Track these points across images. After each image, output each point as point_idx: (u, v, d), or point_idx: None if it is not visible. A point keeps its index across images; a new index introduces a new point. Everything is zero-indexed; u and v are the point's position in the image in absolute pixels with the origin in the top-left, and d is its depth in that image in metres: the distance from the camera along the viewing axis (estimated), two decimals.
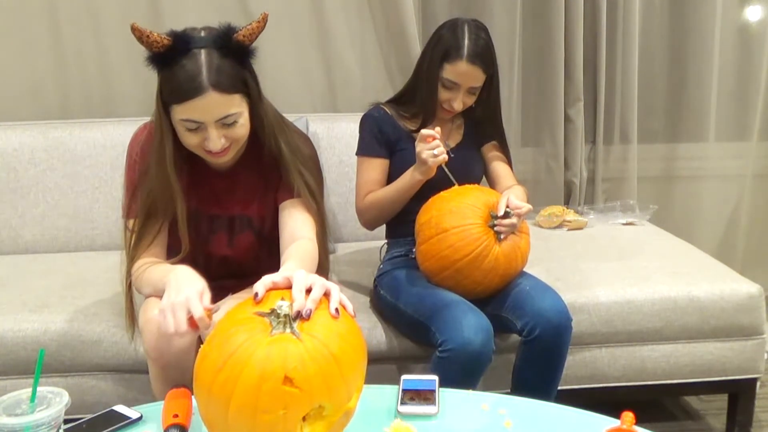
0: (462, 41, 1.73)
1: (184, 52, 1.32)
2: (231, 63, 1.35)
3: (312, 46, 2.47)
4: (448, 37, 1.75)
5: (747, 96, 2.72)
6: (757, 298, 1.86)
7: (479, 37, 1.75)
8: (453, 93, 1.78)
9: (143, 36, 1.29)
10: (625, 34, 2.57)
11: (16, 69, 2.39)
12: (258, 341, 0.95)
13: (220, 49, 1.34)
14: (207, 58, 1.33)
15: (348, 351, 0.99)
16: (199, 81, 1.31)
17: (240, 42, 1.36)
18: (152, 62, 1.35)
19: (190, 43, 1.33)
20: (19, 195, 2.25)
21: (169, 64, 1.33)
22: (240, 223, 1.58)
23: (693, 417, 2.16)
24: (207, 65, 1.32)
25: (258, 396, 0.91)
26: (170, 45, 1.32)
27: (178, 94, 1.33)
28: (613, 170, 2.71)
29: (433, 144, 1.62)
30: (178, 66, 1.32)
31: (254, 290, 1.04)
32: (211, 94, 1.32)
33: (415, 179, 1.70)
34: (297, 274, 1.04)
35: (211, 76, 1.32)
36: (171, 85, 1.34)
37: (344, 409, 0.99)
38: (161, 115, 1.38)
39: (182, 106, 1.33)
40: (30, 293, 1.86)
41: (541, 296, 1.62)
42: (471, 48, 1.72)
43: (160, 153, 1.42)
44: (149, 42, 1.30)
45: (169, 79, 1.34)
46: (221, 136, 1.38)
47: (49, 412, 0.97)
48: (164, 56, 1.33)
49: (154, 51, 1.32)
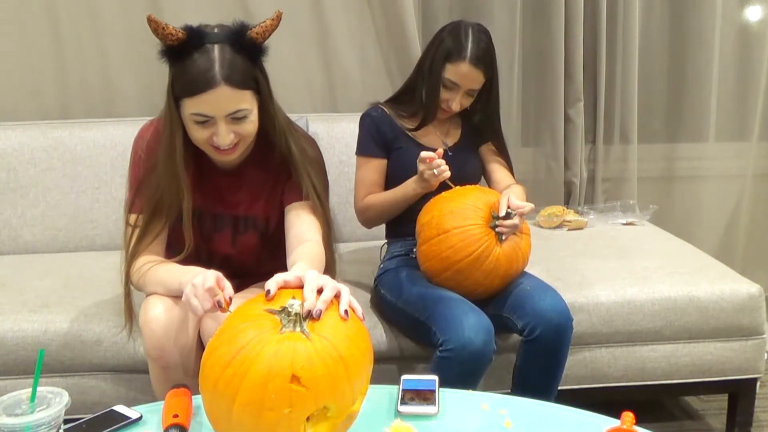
0: (465, 43, 1.74)
1: (198, 47, 1.33)
2: (243, 59, 1.36)
3: (312, 46, 2.47)
4: (452, 38, 1.76)
5: (747, 96, 2.72)
6: (757, 298, 1.86)
7: (482, 40, 1.76)
8: (452, 93, 1.79)
9: (159, 28, 1.30)
10: (625, 34, 2.57)
11: (16, 69, 2.38)
12: (267, 338, 0.95)
13: (233, 45, 1.35)
14: (220, 53, 1.34)
15: (355, 354, 0.99)
16: (212, 74, 1.32)
17: (253, 39, 1.37)
18: (165, 55, 1.35)
19: (203, 38, 1.34)
20: (19, 195, 2.25)
21: (181, 57, 1.34)
22: (244, 222, 1.58)
23: (693, 417, 2.16)
24: (220, 60, 1.33)
25: (264, 393, 0.91)
26: (184, 39, 1.32)
27: (190, 87, 1.33)
28: (613, 170, 2.71)
29: (434, 164, 1.65)
30: (190, 60, 1.33)
31: (266, 287, 1.04)
32: (222, 87, 1.33)
33: (415, 192, 1.75)
34: (309, 274, 1.05)
35: (224, 70, 1.33)
36: (183, 79, 1.34)
37: (348, 411, 0.99)
38: (172, 109, 1.39)
39: (193, 100, 1.34)
40: (30, 293, 1.85)
41: (541, 296, 1.62)
42: (473, 50, 1.74)
43: (169, 147, 1.42)
44: (164, 34, 1.31)
45: (182, 73, 1.34)
46: (230, 131, 1.38)
47: (49, 412, 0.97)
48: (177, 50, 1.33)
49: (168, 44, 1.33)
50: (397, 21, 2.44)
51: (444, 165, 1.66)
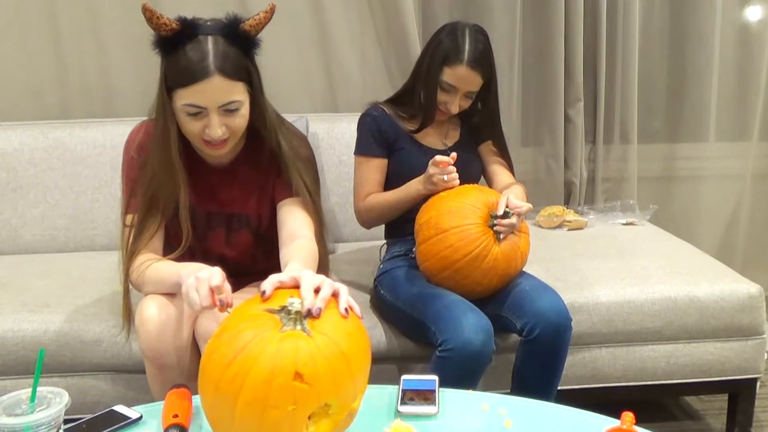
0: (463, 46, 1.74)
1: (191, 38, 1.34)
2: (236, 51, 1.37)
3: (312, 46, 2.47)
4: (449, 40, 1.76)
5: (747, 96, 2.72)
6: (757, 298, 1.86)
7: (479, 41, 1.76)
8: (450, 96, 1.79)
9: (153, 17, 1.31)
10: (625, 34, 2.57)
11: (16, 69, 2.38)
12: (269, 337, 0.95)
13: (227, 36, 1.36)
14: (213, 45, 1.34)
15: (356, 350, 0.99)
16: (206, 64, 1.32)
17: (246, 32, 1.37)
18: (158, 46, 1.36)
19: (197, 29, 1.35)
20: (19, 195, 2.25)
21: (175, 48, 1.34)
22: (237, 220, 1.58)
23: (693, 417, 2.16)
24: (213, 51, 1.34)
25: (268, 391, 0.91)
26: (178, 29, 1.33)
27: (184, 77, 1.34)
28: (613, 170, 2.71)
29: (447, 169, 1.65)
30: (183, 51, 1.33)
31: (261, 288, 1.04)
32: (216, 78, 1.33)
33: (418, 193, 1.74)
34: (305, 273, 1.05)
35: (217, 60, 1.33)
36: (176, 69, 1.35)
37: (349, 408, 1.00)
38: (165, 101, 1.39)
39: (186, 90, 1.34)
40: (30, 293, 1.85)
41: (540, 296, 1.62)
42: (471, 52, 1.74)
43: (164, 140, 1.42)
44: (158, 24, 1.32)
45: (175, 63, 1.35)
46: (222, 124, 1.38)
47: (49, 412, 0.97)
48: (171, 40, 1.34)
49: (161, 34, 1.34)
50: (397, 21, 2.44)
51: (455, 173, 1.66)
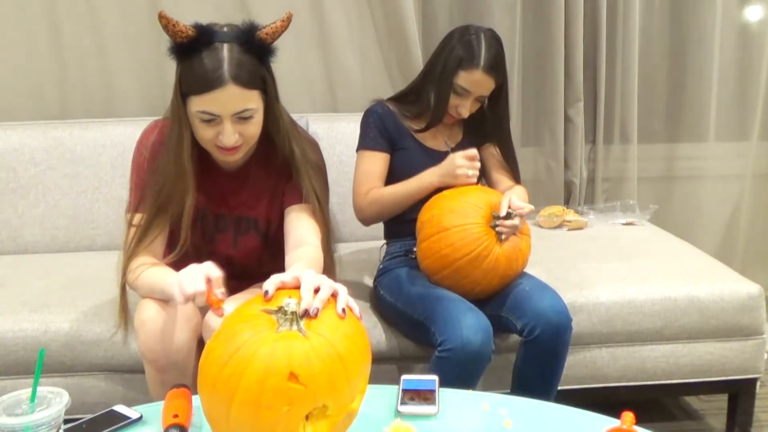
0: (479, 50, 1.74)
1: (207, 45, 1.34)
2: (252, 59, 1.36)
3: (312, 46, 2.47)
4: (464, 45, 1.76)
5: (747, 96, 2.72)
6: (757, 298, 1.86)
7: (493, 46, 1.76)
8: (462, 99, 1.79)
9: (169, 24, 1.31)
10: (625, 34, 2.57)
11: (16, 69, 2.38)
12: (264, 337, 0.95)
13: (242, 44, 1.36)
14: (229, 52, 1.34)
15: (353, 351, 0.99)
16: (221, 73, 1.32)
17: (262, 40, 1.37)
18: (174, 53, 1.36)
19: (213, 36, 1.34)
20: (19, 195, 2.25)
21: (190, 55, 1.34)
22: (246, 224, 1.58)
23: (693, 417, 2.16)
24: (228, 59, 1.33)
25: (262, 392, 0.91)
26: (194, 36, 1.33)
27: (198, 85, 1.33)
28: (613, 170, 2.71)
29: (475, 165, 1.67)
30: (199, 58, 1.33)
31: (263, 288, 1.04)
32: (231, 86, 1.33)
33: (431, 184, 1.74)
34: (306, 273, 1.05)
35: (232, 69, 1.33)
36: (191, 76, 1.34)
37: (347, 409, 0.99)
38: (179, 107, 1.39)
39: (201, 98, 1.34)
40: (30, 293, 1.85)
41: (540, 296, 1.62)
42: (487, 58, 1.74)
43: (177, 146, 1.42)
44: (174, 31, 1.31)
45: (190, 70, 1.35)
46: (236, 131, 1.38)
47: (49, 412, 0.97)
48: (186, 47, 1.34)
49: (177, 41, 1.33)
50: (397, 21, 2.43)
51: (477, 172, 1.69)
